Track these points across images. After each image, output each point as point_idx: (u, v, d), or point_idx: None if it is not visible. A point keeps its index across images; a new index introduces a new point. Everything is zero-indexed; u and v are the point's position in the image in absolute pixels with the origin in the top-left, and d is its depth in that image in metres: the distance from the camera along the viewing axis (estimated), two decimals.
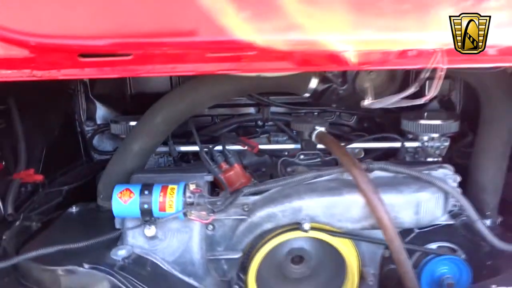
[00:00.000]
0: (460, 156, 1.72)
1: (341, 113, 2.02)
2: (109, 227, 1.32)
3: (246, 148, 1.64)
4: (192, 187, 1.24)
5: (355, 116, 2.03)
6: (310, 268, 1.39)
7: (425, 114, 1.67)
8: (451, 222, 1.42)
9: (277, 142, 1.86)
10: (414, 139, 1.65)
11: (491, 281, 1.20)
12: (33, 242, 1.32)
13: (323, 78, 1.46)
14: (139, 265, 1.23)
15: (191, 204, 1.22)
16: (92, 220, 1.44)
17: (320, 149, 1.54)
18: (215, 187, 1.44)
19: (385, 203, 1.22)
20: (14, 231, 1.37)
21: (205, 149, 1.53)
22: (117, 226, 1.32)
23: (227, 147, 1.56)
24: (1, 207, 1.41)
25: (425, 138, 1.64)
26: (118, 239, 1.30)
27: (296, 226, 1.27)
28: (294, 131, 1.70)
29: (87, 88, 1.90)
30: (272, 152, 1.74)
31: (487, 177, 1.45)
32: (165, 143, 1.59)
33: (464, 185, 1.38)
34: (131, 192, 1.20)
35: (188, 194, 1.23)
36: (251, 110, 2.00)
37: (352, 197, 1.25)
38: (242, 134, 1.93)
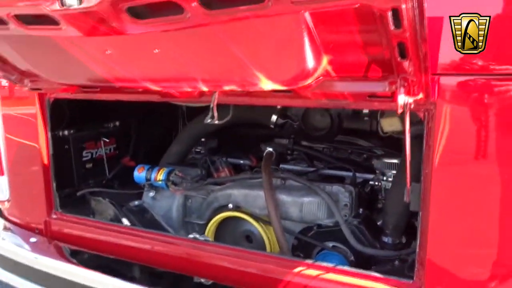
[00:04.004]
0: None
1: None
2: None
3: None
4: (177, 172, 2.08)
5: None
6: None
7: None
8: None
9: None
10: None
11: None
12: None
13: (282, 115, 2.10)
14: (143, 211, 2.13)
15: (171, 181, 2.06)
16: None
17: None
18: None
19: (279, 199, 1.81)
20: None
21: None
22: None
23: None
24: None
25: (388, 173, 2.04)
26: None
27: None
28: None
29: (184, 113, 2.88)
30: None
31: (389, 202, 1.79)
32: None
33: None
34: (144, 168, 2.12)
35: (172, 175, 2.07)
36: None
37: (259, 192, 1.86)
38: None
